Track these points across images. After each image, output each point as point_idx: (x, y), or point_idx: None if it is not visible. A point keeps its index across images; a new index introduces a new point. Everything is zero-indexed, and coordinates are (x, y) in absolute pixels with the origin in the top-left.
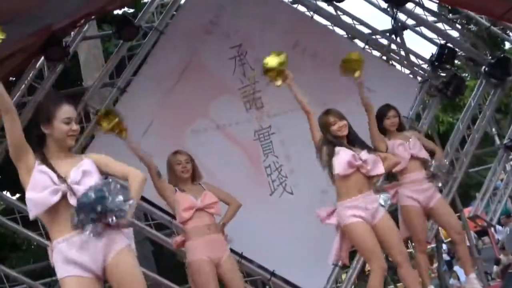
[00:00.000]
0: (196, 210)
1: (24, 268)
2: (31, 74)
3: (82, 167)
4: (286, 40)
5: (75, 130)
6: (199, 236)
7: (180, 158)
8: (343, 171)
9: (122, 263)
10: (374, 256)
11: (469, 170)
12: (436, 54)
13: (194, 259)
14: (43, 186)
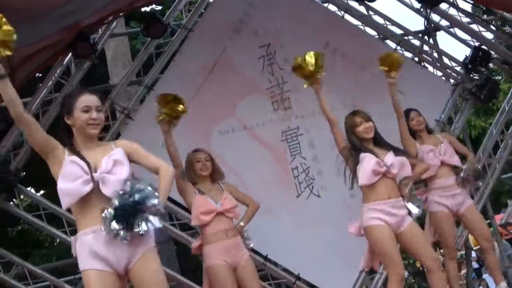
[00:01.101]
0: (215, 214)
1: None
2: (58, 71)
3: (113, 156)
4: (316, 40)
5: (95, 119)
6: (217, 240)
7: (200, 155)
8: (368, 181)
9: (145, 269)
10: (392, 262)
11: (502, 176)
12: (470, 56)
13: (212, 263)
14: (75, 176)
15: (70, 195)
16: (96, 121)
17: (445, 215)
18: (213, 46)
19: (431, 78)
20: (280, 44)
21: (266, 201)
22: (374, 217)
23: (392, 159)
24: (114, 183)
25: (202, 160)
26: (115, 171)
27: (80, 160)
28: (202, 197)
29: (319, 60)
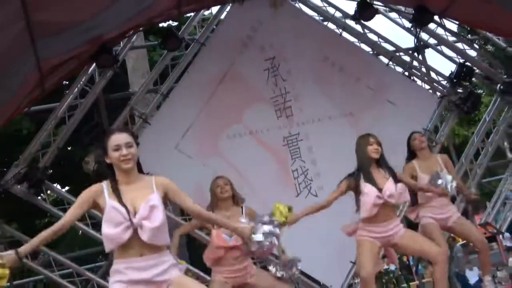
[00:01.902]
0: (228, 249)
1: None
2: (83, 79)
3: (150, 202)
4: (316, 55)
5: (126, 155)
6: (228, 266)
7: (219, 182)
8: (369, 214)
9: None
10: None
11: (482, 181)
12: (455, 71)
13: (214, 279)
14: (116, 223)
15: (112, 241)
16: (127, 157)
17: (434, 226)
18: (223, 59)
19: (420, 90)
20: (283, 58)
21: (268, 199)
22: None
23: (391, 189)
24: (150, 229)
25: (221, 185)
26: (151, 217)
27: (120, 206)
28: (217, 232)
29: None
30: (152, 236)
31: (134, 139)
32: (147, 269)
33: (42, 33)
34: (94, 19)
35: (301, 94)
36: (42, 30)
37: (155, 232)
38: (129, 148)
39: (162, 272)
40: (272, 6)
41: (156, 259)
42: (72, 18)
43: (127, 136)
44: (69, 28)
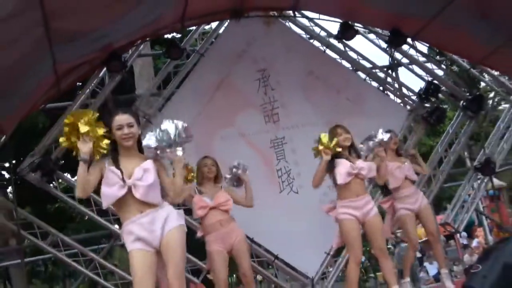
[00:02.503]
0: (209, 209)
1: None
2: (94, 81)
3: (144, 166)
4: (303, 68)
5: (127, 134)
6: (213, 231)
7: (207, 162)
8: (343, 181)
9: (173, 239)
10: (353, 250)
11: (444, 185)
12: (424, 88)
13: (210, 250)
14: (112, 183)
15: (109, 197)
16: (128, 135)
17: (409, 217)
18: (220, 69)
19: (392, 104)
20: (273, 70)
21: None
22: (345, 212)
23: (362, 164)
24: (143, 188)
25: (208, 165)
26: (144, 178)
27: (116, 169)
28: (199, 197)
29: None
30: (144, 193)
31: (136, 119)
32: (148, 225)
33: (59, 39)
34: (107, 29)
35: (287, 103)
36: (60, 37)
37: (147, 190)
38: (130, 127)
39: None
40: (265, 24)
41: (154, 213)
42: (87, 27)
43: (129, 116)
44: (83, 36)
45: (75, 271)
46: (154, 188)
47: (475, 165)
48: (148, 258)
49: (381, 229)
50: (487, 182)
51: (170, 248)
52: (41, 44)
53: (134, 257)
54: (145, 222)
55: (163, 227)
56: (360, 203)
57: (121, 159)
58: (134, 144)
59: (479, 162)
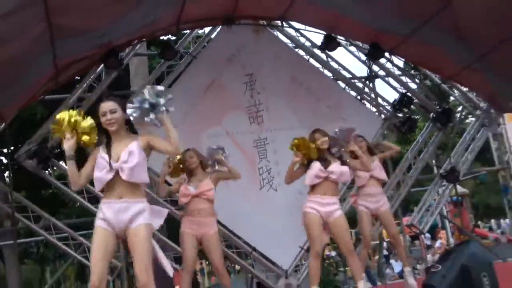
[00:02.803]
0: (192, 197)
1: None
2: (92, 77)
3: (129, 149)
4: (287, 75)
5: (109, 119)
6: (190, 215)
7: (186, 156)
8: (310, 182)
9: (138, 235)
10: (312, 242)
11: (412, 189)
12: (398, 99)
13: (182, 230)
14: (101, 168)
15: (98, 181)
16: (111, 121)
17: (366, 215)
18: (210, 71)
19: (368, 112)
20: (260, 75)
21: (238, 189)
22: (310, 206)
23: (334, 168)
24: (128, 169)
25: (187, 159)
26: (129, 160)
27: (105, 154)
28: (185, 185)
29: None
30: (130, 174)
31: (121, 105)
32: (118, 212)
33: (61, 35)
34: (107, 28)
35: (271, 106)
36: (61, 33)
37: (132, 171)
38: (112, 113)
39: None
40: (254, 31)
41: (130, 203)
42: (88, 25)
43: (113, 103)
44: (84, 33)
45: (65, 253)
46: (139, 168)
47: (441, 173)
48: (107, 237)
49: (346, 229)
50: (451, 189)
51: (137, 243)
52: (43, 38)
53: (96, 233)
54: (118, 208)
55: (131, 220)
56: (326, 201)
57: (113, 144)
58: (120, 128)
59: (444, 170)
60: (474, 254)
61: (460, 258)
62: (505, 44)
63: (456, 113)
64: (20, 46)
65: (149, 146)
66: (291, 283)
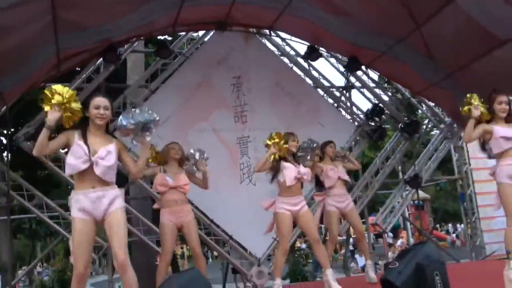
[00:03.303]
0: (169, 188)
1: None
2: (91, 68)
3: (108, 148)
4: (272, 79)
5: (102, 114)
6: (168, 206)
7: (175, 146)
8: (291, 183)
9: (116, 218)
10: (282, 240)
11: (378, 192)
12: (370, 109)
13: (162, 220)
14: (78, 156)
15: (72, 168)
16: (103, 116)
17: (335, 214)
18: (201, 71)
19: (343, 119)
20: (247, 78)
21: (219, 182)
22: (282, 207)
23: (304, 170)
24: (104, 167)
25: (176, 149)
26: (106, 158)
27: (84, 144)
28: (162, 174)
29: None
30: (104, 172)
31: (112, 106)
32: (95, 200)
33: (65, 29)
34: (108, 25)
35: (255, 107)
36: (65, 27)
37: (106, 170)
38: (106, 110)
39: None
40: (244, 38)
41: (104, 192)
42: (91, 22)
43: (107, 101)
44: (87, 29)
45: (56, 231)
46: (113, 169)
47: (405, 178)
48: (87, 226)
49: (312, 221)
50: (413, 194)
51: (115, 225)
52: (48, 30)
53: (76, 224)
54: (93, 197)
55: (109, 205)
56: (296, 201)
57: (88, 135)
58: (104, 125)
59: (408, 176)
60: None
61: (416, 257)
62: (470, 65)
63: (422, 125)
64: (26, 35)
65: (119, 153)
66: (262, 270)
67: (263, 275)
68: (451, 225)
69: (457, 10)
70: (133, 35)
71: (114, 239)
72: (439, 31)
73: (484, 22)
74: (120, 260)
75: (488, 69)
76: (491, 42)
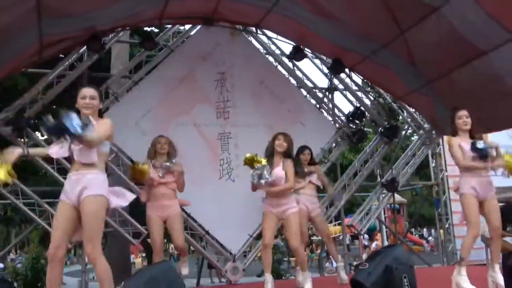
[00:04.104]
0: (158, 183)
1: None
2: (74, 56)
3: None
4: (256, 77)
5: (87, 103)
6: (155, 200)
7: (161, 140)
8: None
9: (85, 207)
10: (265, 237)
11: (355, 194)
12: (352, 112)
13: (149, 214)
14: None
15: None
16: (88, 105)
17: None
18: (185, 65)
19: (324, 120)
20: (231, 74)
21: (199, 177)
22: (266, 208)
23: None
24: (77, 150)
25: (162, 143)
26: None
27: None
28: (153, 170)
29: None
30: (78, 155)
31: (99, 95)
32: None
33: (49, 14)
34: (93, 14)
35: (238, 104)
36: (49, 13)
37: (80, 153)
38: (92, 99)
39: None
40: (230, 34)
41: (82, 175)
42: (76, 9)
43: (94, 91)
44: (71, 16)
45: (31, 218)
46: (87, 151)
47: (382, 182)
48: (65, 208)
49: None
50: (390, 197)
51: (84, 215)
52: (31, 15)
53: (59, 205)
54: (73, 179)
55: (81, 191)
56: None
57: None
58: (93, 114)
59: (386, 179)
60: (398, 257)
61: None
62: (451, 73)
63: (402, 130)
64: (7, 19)
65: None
66: (237, 266)
67: (238, 271)
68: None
69: (441, 19)
70: (119, 25)
71: (84, 230)
72: (422, 38)
73: (466, 33)
74: (87, 253)
75: (467, 79)
76: (471, 53)
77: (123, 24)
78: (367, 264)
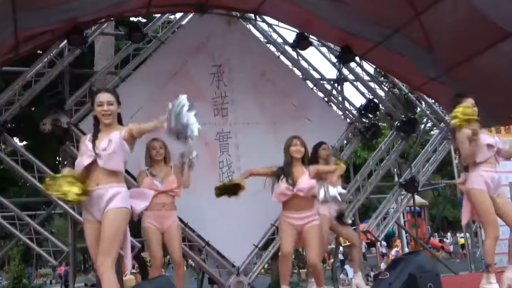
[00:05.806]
0: (158, 192)
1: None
2: (53, 52)
3: (110, 137)
4: (256, 69)
5: (106, 110)
6: (154, 209)
7: (155, 144)
8: (278, 200)
9: (106, 219)
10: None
11: (371, 196)
12: (364, 105)
13: (145, 225)
14: (83, 153)
15: (78, 165)
16: (107, 112)
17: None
18: (177, 58)
19: (334, 115)
20: (228, 67)
21: (195, 182)
22: (286, 221)
23: (302, 184)
24: (105, 156)
25: (157, 148)
26: (108, 148)
27: (89, 142)
28: (150, 179)
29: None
30: (105, 161)
31: (116, 99)
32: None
33: (24, 6)
34: (73, 3)
35: (237, 100)
36: (24, 3)
37: (108, 159)
38: (109, 105)
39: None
40: (226, 22)
41: (104, 189)
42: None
43: (110, 95)
44: (49, 7)
45: (11, 233)
46: (115, 156)
47: (401, 182)
48: (93, 228)
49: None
50: (409, 199)
51: (104, 228)
52: (4, 8)
53: (84, 224)
54: (95, 195)
55: (106, 205)
56: (297, 216)
57: (100, 134)
58: (113, 120)
59: (404, 179)
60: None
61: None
62: (472, 60)
63: (421, 124)
64: None
65: (131, 135)
66: (242, 281)
67: (243, 286)
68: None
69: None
70: (102, 15)
71: (101, 242)
72: (439, 21)
73: (490, 12)
74: (97, 265)
75: (491, 64)
76: (496, 35)
77: (107, 15)
78: (387, 273)
